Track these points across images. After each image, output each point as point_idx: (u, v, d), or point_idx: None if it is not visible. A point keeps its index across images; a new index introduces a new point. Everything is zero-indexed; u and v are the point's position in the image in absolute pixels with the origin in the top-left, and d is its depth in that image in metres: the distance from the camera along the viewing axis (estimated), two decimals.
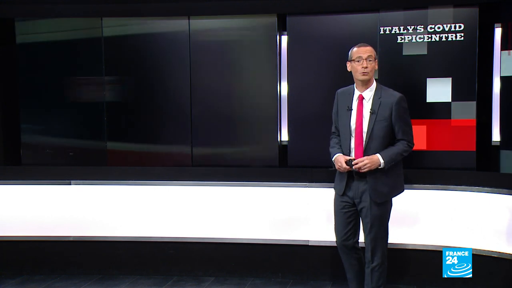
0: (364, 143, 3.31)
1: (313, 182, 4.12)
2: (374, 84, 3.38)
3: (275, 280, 4.29)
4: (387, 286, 3.85)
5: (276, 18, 4.35)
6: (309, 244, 4.21)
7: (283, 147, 4.45)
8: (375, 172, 3.29)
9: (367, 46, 3.36)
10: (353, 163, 3.29)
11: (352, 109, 3.36)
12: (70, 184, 4.44)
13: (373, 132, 3.29)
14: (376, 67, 3.39)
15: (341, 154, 3.39)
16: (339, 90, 3.51)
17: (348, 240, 3.48)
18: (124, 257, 4.45)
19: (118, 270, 4.45)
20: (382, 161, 3.26)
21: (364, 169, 3.26)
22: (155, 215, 4.37)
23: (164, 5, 4.42)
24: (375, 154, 3.29)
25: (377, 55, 3.45)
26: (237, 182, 4.31)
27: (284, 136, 4.42)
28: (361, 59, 3.30)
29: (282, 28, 4.39)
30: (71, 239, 4.45)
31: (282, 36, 4.40)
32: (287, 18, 4.32)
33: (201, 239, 4.33)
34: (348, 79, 3.55)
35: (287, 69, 4.35)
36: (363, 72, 3.30)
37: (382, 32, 4.16)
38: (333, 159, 3.42)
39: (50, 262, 4.49)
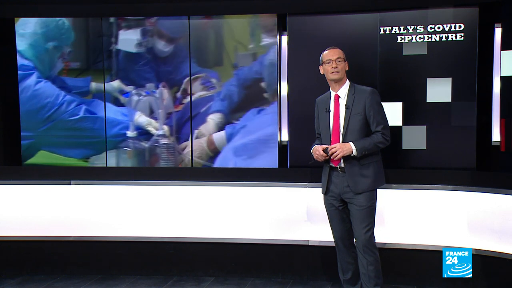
0: (341, 136, 3.44)
1: (313, 182, 4.12)
2: (348, 82, 3.52)
3: (275, 280, 4.28)
4: (387, 286, 3.86)
5: (276, 18, 4.36)
6: (309, 244, 4.21)
7: (283, 147, 4.45)
8: (352, 164, 3.41)
9: (336, 48, 3.52)
10: (328, 149, 3.41)
11: (330, 110, 3.51)
12: (70, 184, 4.44)
13: (349, 126, 3.43)
14: (347, 67, 3.52)
15: (319, 144, 3.55)
16: (318, 98, 3.65)
17: (345, 236, 3.56)
18: (124, 257, 4.45)
19: (118, 270, 4.45)
20: (354, 147, 3.37)
21: (336, 154, 3.37)
22: (155, 215, 4.37)
23: (164, 5, 4.43)
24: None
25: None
26: (237, 182, 4.31)
27: (284, 136, 4.43)
28: (331, 60, 3.46)
29: (282, 28, 4.40)
30: (71, 239, 4.45)
31: (282, 36, 4.40)
32: (287, 18, 4.32)
33: (201, 239, 4.33)
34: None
35: (287, 69, 4.36)
36: (333, 72, 3.45)
37: (382, 32, 4.16)
38: (311, 150, 3.55)
39: (50, 262, 4.49)
